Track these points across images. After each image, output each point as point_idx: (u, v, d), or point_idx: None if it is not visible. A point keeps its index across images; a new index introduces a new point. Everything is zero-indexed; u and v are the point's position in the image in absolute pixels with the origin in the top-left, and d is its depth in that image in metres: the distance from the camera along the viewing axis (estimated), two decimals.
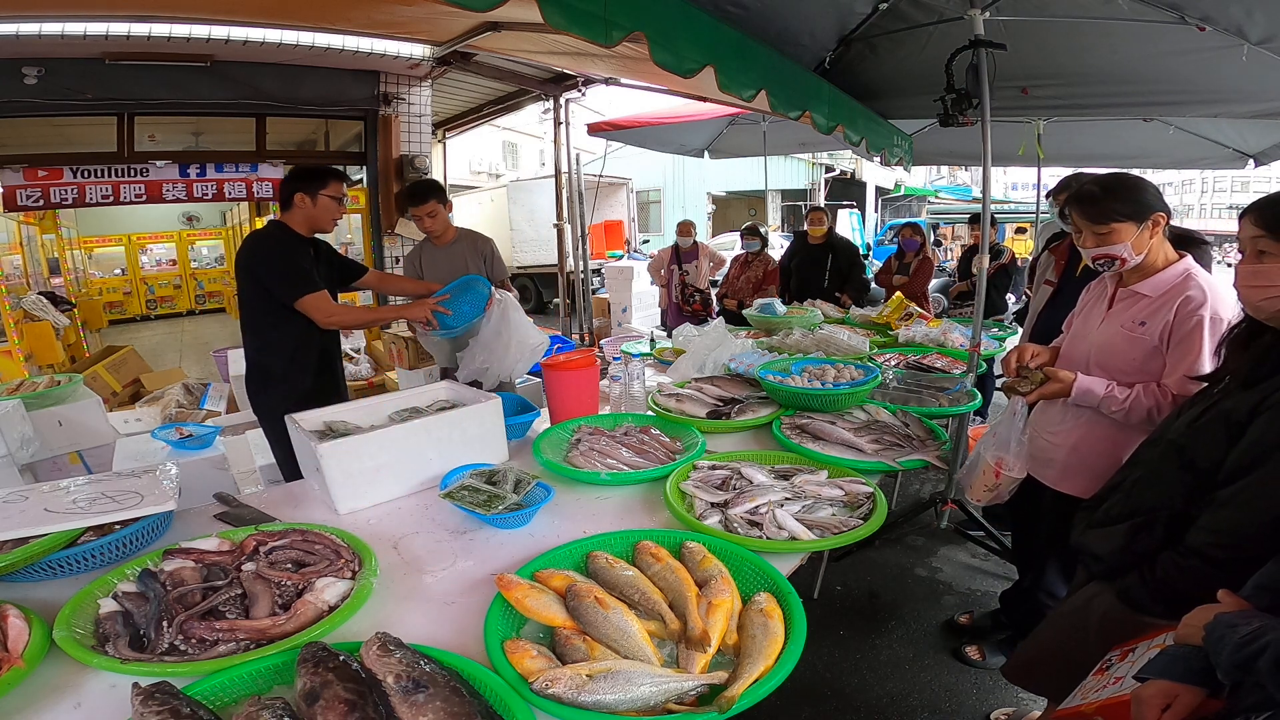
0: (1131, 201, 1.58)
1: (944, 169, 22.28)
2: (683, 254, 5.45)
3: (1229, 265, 1.31)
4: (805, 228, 4.89)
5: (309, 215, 2.26)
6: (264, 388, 2.32)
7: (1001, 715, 2.01)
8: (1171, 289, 1.58)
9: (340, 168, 3.39)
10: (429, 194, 2.87)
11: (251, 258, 2.20)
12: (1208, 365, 1.49)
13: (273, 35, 4.56)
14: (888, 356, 2.85)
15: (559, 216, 6.49)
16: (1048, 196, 3.38)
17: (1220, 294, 1.54)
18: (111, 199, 4.96)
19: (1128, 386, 1.57)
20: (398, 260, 5.99)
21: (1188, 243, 1.73)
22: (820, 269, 4.68)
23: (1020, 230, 11.95)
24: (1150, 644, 1.12)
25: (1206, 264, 1.84)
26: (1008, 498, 1.66)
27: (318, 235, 2.38)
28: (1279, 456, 1.05)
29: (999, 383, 1.91)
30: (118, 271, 12.05)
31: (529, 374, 3.57)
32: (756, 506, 1.45)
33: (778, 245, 11.38)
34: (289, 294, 2.17)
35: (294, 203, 2.24)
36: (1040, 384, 1.61)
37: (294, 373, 2.29)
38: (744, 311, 3.91)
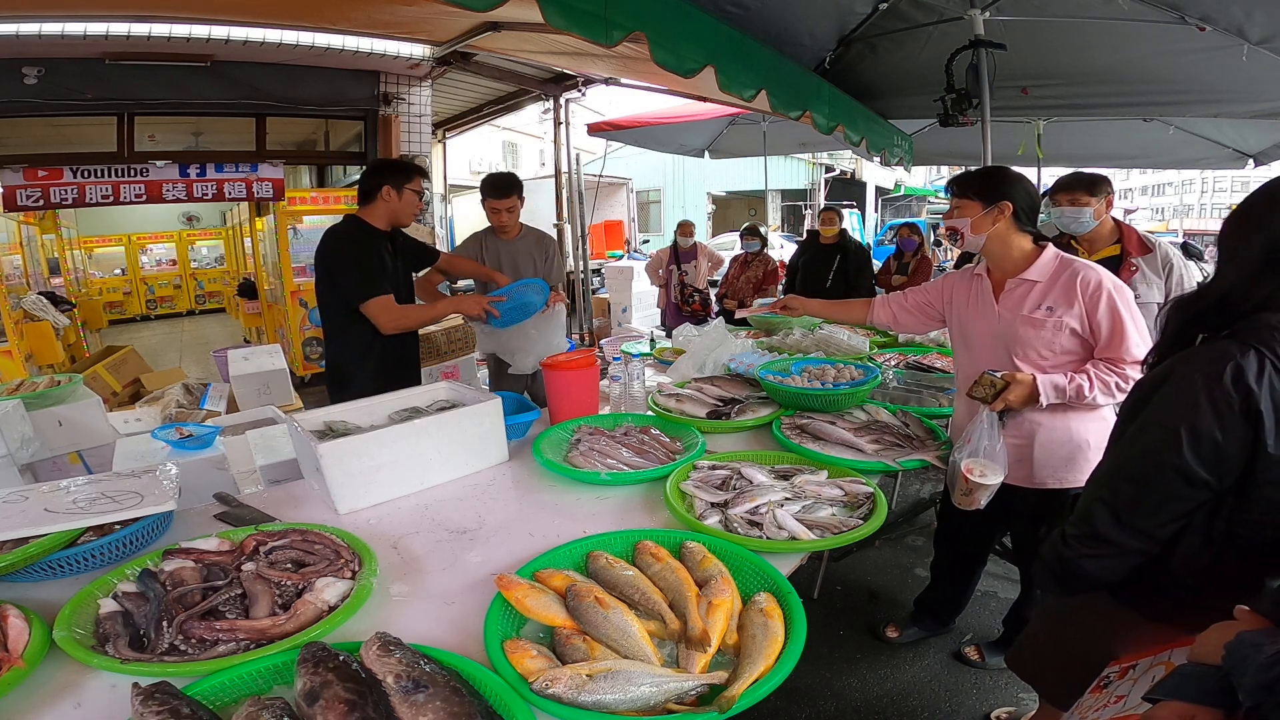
0: (985, 186, 1.71)
1: (944, 169, 22.26)
2: (681, 254, 5.46)
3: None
4: (817, 227, 4.89)
5: (392, 209, 2.24)
6: (339, 388, 2.31)
7: (1001, 715, 2.01)
8: (1055, 271, 1.67)
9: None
10: (512, 188, 2.80)
11: (329, 256, 2.20)
12: (1135, 333, 1.57)
13: (273, 35, 4.57)
14: (888, 356, 2.85)
15: (559, 216, 6.50)
16: (1042, 197, 3.41)
17: (1096, 265, 1.66)
18: (111, 199, 4.97)
19: (1080, 373, 1.60)
20: None
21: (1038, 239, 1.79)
22: (826, 268, 4.68)
23: None
24: (1154, 661, 1.10)
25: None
26: (984, 504, 1.62)
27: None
28: (1114, 446, 1.12)
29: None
30: (118, 271, 12.04)
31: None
32: (756, 506, 1.45)
33: (778, 245, 11.35)
34: (356, 295, 2.16)
35: (378, 196, 2.21)
36: (1001, 390, 1.58)
37: (362, 373, 2.26)
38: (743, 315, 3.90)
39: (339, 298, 2.21)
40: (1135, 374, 1.55)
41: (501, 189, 2.78)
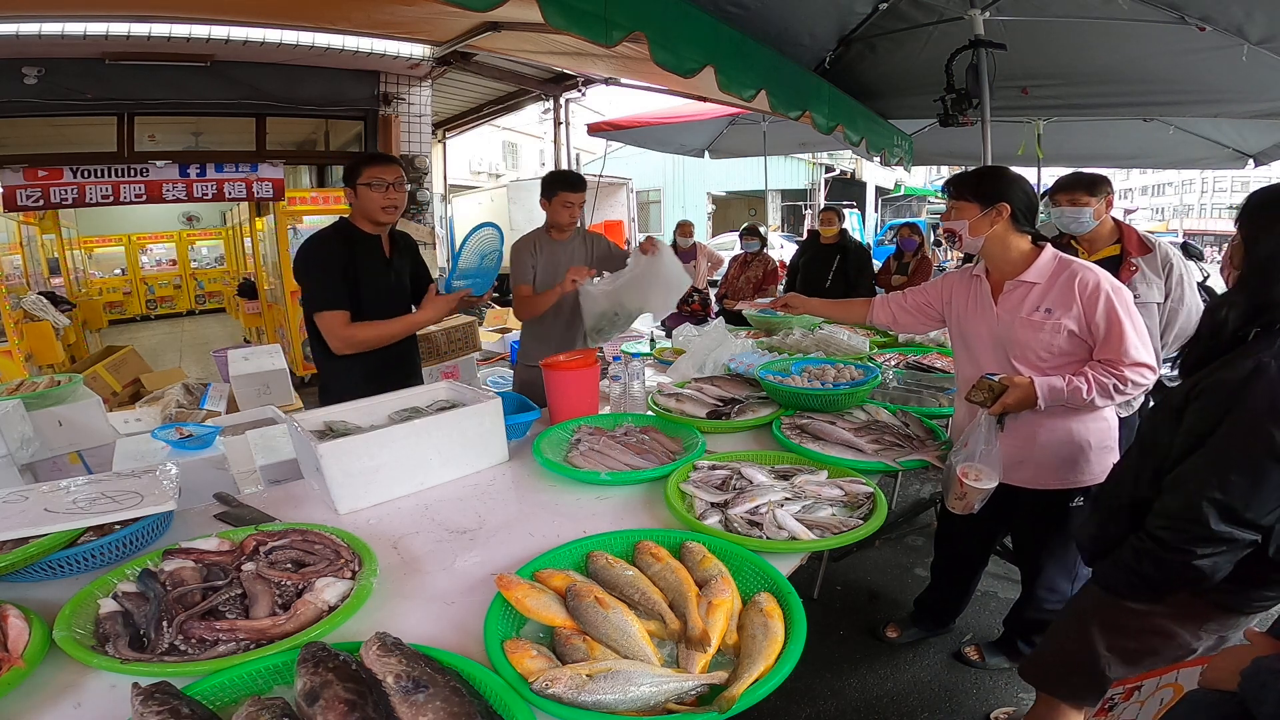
0: (983, 187, 1.69)
1: (944, 169, 22.26)
2: (681, 254, 5.44)
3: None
4: (817, 227, 4.89)
5: (360, 208, 2.16)
6: (324, 396, 2.22)
7: (1001, 715, 2.01)
8: (1054, 272, 1.66)
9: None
10: (585, 182, 2.72)
11: (299, 258, 2.13)
12: (1134, 334, 1.56)
13: (273, 35, 4.57)
14: (888, 356, 2.85)
15: None
16: (1042, 197, 3.42)
17: (1095, 266, 1.65)
18: (111, 199, 4.97)
19: (1078, 375, 1.59)
20: None
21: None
22: (826, 268, 4.68)
23: None
24: (1159, 682, 1.10)
25: None
26: (977, 508, 1.62)
27: (402, 231, 2.33)
28: (1208, 444, 1.12)
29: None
30: (118, 271, 12.03)
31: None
32: (757, 506, 1.45)
33: (778, 245, 11.33)
34: (308, 305, 2.07)
35: (348, 200, 2.18)
36: (1000, 393, 1.58)
37: (338, 383, 2.15)
38: (744, 311, 3.90)
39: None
40: (1134, 375, 1.55)
41: (578, 183, 2.70)
